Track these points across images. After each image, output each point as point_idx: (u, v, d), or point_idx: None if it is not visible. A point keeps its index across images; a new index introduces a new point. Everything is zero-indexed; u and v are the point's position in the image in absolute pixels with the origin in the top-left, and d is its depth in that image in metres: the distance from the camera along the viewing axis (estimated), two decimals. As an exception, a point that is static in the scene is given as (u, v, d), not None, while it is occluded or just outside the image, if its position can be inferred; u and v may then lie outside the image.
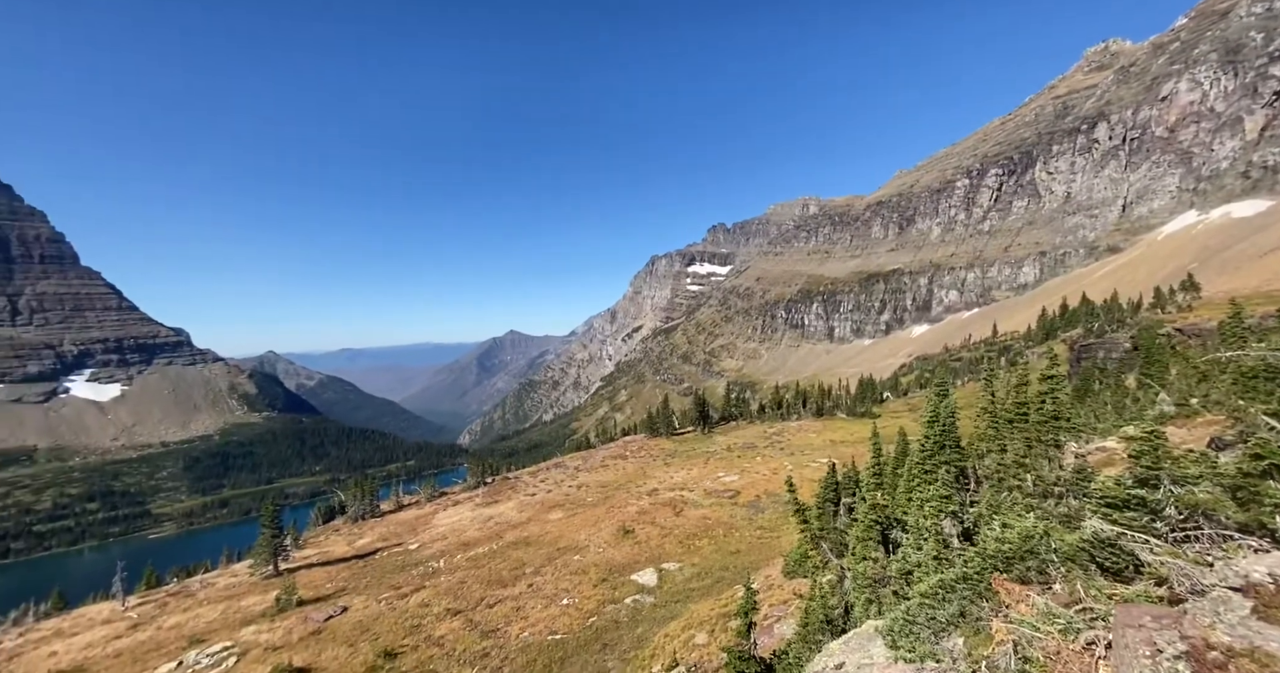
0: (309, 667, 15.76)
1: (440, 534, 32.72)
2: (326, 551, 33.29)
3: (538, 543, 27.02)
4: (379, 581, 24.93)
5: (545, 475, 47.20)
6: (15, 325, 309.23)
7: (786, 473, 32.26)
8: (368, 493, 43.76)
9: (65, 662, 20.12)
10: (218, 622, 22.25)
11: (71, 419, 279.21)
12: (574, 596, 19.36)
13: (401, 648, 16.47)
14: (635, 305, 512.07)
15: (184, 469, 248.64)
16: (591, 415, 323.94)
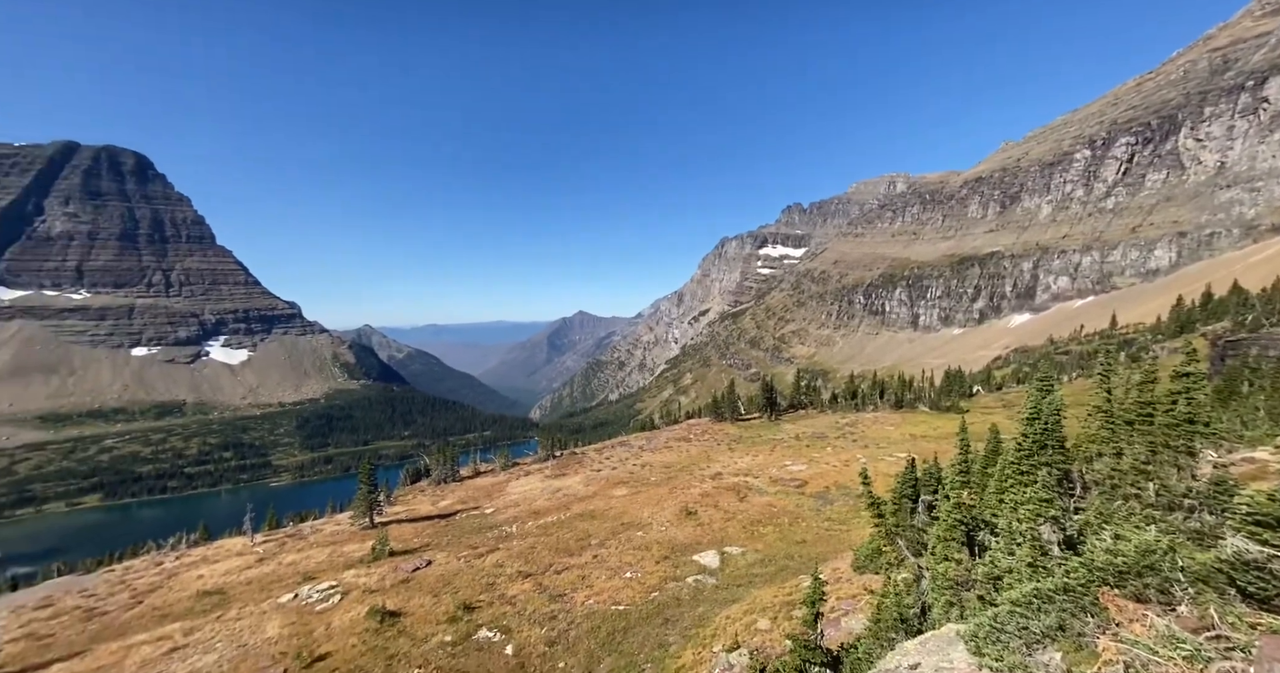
0: (399, 611, 17.45)
1: (513, 502, 34.74)
2: (413, 508, 36.45)
3: (602, 517, 27.94)
4: (458, 540, 26.98)
5: (610, 453, 48.50)
6: (168, 296, 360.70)
7: (860, 466, 30.96)
8: (449, 459, 47.30)
9: (209, 584, 23.73)
10: (325, 563, 25.20)
11: (211, 379, 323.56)
12: (637, 570, 19.90)
13: (478, 603, 17.79)
14: (703, 288, 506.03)
15: (296, 428, 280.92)
16: (656, 397, 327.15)
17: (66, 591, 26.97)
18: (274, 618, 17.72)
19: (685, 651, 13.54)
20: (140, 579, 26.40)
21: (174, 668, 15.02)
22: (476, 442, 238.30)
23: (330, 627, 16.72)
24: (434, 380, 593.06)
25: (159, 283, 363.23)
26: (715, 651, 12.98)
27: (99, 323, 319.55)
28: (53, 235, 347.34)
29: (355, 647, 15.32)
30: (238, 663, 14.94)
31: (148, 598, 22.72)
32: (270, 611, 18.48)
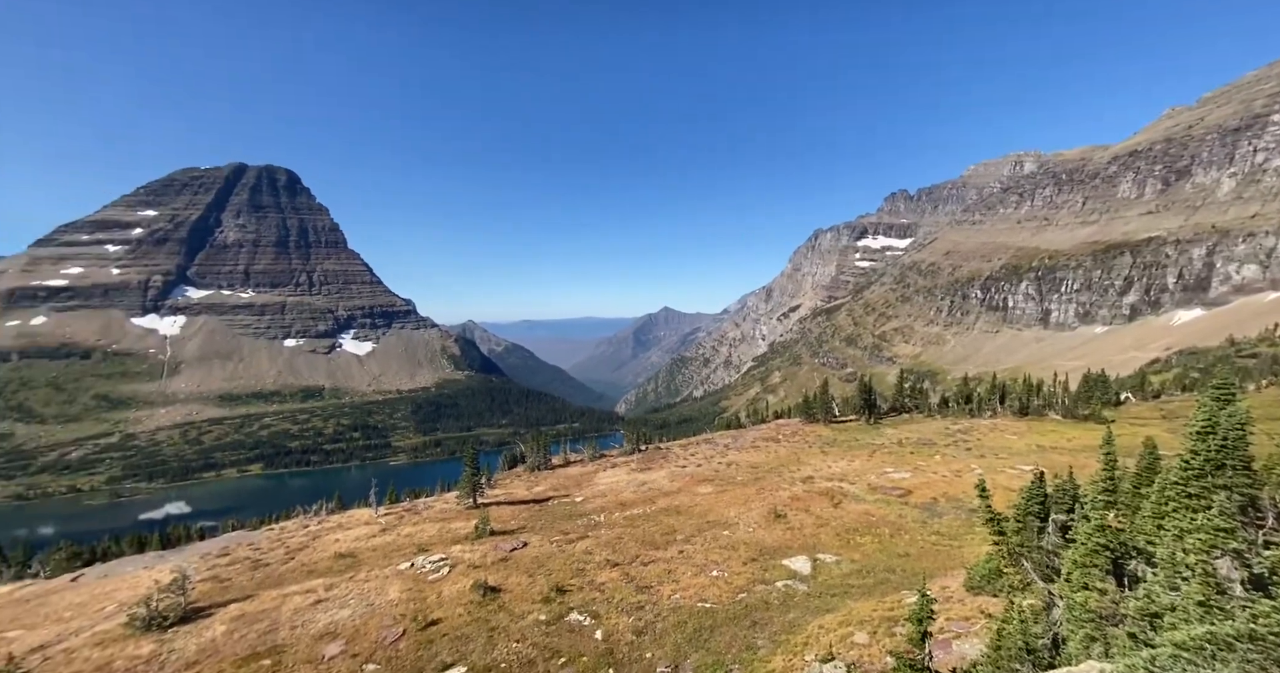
0: (499, 587, 18.74)
1: (600, 492, 35.85)
2: (510, 492, 38.92)
3: (687, 513, 27.94)
4: (550, 525, 28.38)
5: (695, 450, 48.34)
6: (311, 294, 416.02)
7: (975, 477, 28.07)
8: (542, 447, 49.91)
9: (344, 547, 27.13)
10: (435, 537, 27.73)
11: (343, 367, 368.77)
12: (723, 569, 19.66)
13: (569, 586, 18.60)
14: (793, 283, 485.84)
15: (411, 413, 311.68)
16: (742, 395, 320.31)
17: (239, 543, 32.26)
18: (395, 583, 19.84)
19: (775, 656, 13.15)
20: (292, 538, 30.85)
21: (318, 617, 17.37)
22: (566, 432, 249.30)
23: (441, 596, 18.38)
24: (528, 373, 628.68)
25: (304, 283, 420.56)
26: (808, 659, 12.47)
27: (260, 318, 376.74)
28: (228, 243, 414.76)
29: (462, 616, 16.69)
30: (367, 619, 16.93)
31: (298, 555, 26.48)
32: (391, 576, 20.71)
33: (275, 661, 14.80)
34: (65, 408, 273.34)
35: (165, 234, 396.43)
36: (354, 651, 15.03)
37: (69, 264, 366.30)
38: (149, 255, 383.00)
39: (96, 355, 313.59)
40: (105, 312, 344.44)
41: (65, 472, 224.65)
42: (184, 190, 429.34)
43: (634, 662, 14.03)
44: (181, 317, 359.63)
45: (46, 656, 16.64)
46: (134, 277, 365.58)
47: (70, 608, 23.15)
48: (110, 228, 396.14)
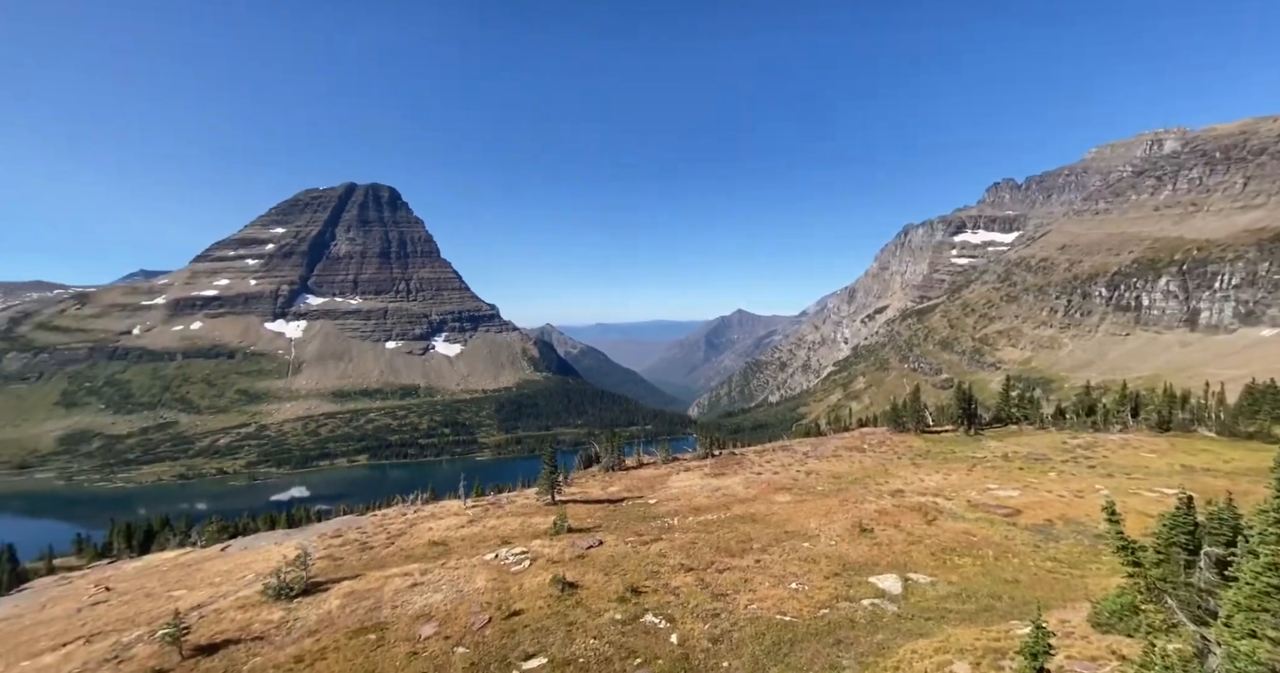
0: (576, 583, 19.23)
1: (673, 495, 35.75)
2: (586, 491, 39.89)
3: (764, 522, 27.09)
4: (624, 525, 28.71)
5: (771, 457, 46.82)
6: (408, 300, 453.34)
7: (1102, 498, 24.82)
8: (616, 448, 50.71)
9: (436, 536, 29.17)
10: (517, 531, 29.04)
11: (435, 368, 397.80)
12: (803, 582, 18.83)
13: (644, 588, 18.68)
14: (879, 283, 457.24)
15: (495, 411, 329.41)
16: (822, 401, 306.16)
17: (349, 527, 35.76)
18: (481, 572, 21.00)
19: (862, 679, 12.36)
20: (392, 525, 33.68)
21: (415, 599, 18.79)
22: (639, 434, 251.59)
23: (522, 588, 19.18)
24: (602, 375, 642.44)
25: (403, 290, 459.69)
26: (899, 687, 11.58)
27: (366, 322, 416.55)
28: (340, 256, 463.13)
29: (542, 609, 17.31)
30: (457, 604, 18.05)
31: (397, 541, 28.85)
32: (478, 565, 21.94)
33: (379, 636, 16.19)
34: (215, 401, 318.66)
35: (291, 248, 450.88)
36: (446, 633, 16.07)
37: (219, 276, 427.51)
38: (278, 268, 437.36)
39: (239, 356, 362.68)
40: (245, 317, 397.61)
41: (215, 456, 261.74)
42: (305, 209, 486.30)
43: (710, 670, 13.79)
44: (303, 321, 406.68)
45: (202, 614, 19.39)
46: (267, 286, 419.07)
47: (219, 574, 26.84)
48: (249, 244, 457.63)
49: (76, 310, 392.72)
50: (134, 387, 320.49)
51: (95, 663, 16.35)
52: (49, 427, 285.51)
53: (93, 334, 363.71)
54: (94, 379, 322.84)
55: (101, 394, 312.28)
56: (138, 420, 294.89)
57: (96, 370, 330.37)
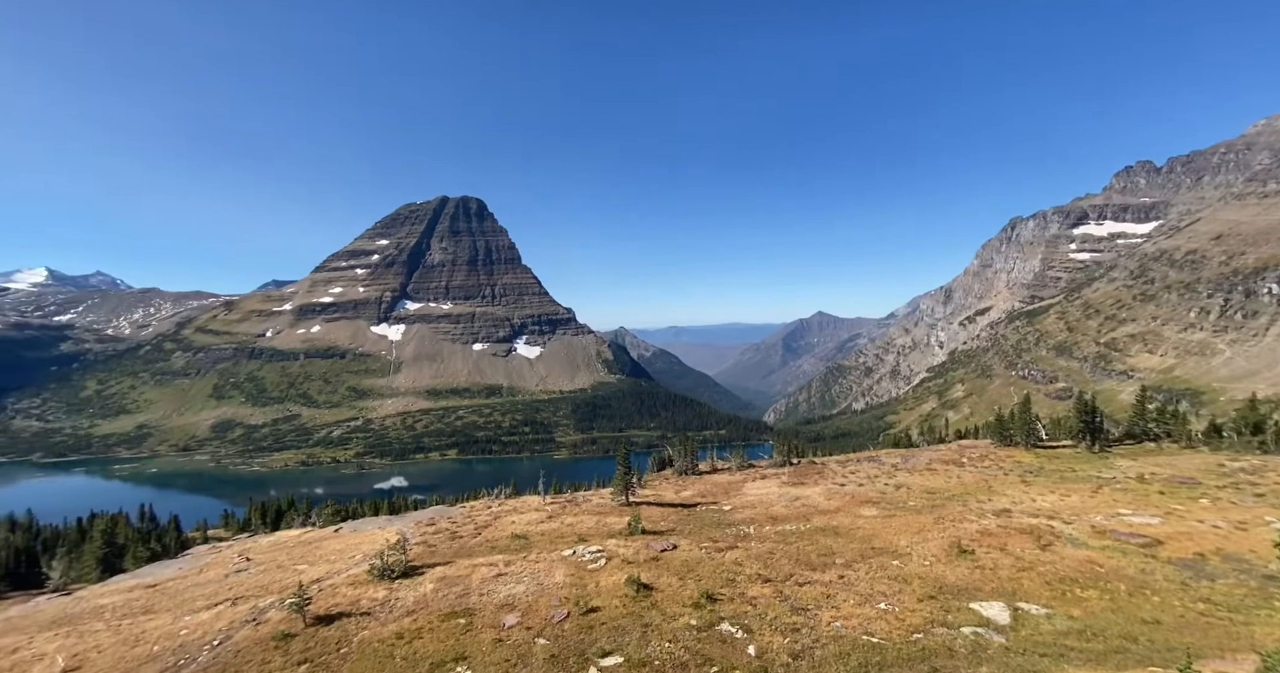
0: (651, 585, 19.29)
1: (749, 503, 34.83)
2: (659, 494, 39.97)
3: (848, 536, 25.64)
4: (699, 531, 28.40)
5: (855, 467, 44.22)
6: (493, 305, 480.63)
7: (1276, 532, 20.98)
8: (689, 452, 50.39)
9: (518, 529, 30.57)
10: (593, 529, 29.70)
11: (517, 369, 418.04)
12: (892, 602, 17.57)
13: (720, 596, 18.34)
14: (981, 282, 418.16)
15: (571, 412, 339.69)
16: (913, 410, 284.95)
17: (441, 516, 38.47)
18: (559, 567, 21.69)
19: (963, 717, 11.26)
20: (479, 516, 35.78)
21: (499, 589, 19.80)
22: (713, 439, 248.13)
23: (599, 585, 19.56)
24: (674, 378, 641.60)
25: (488, 295, 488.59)
26: (1008, 731, 10.42)
27: (456, 326, 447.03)
28: (434, 264, 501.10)
29: (618, 608, 17.54)
30: (537, 597, 18.78)
31: (483, 532, 30.59)
32: (557, 560, 22.69)
33: (468, 621, 17.22)
34: (330, 396, 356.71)
35: (392, 258, 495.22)
36: (528, 624, 16.77)
37: (334, 285, 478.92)
38: (382, 276, 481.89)
39: (349, 356, 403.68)
40: (355, 322, 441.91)
41: (330, 446, 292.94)
42: (405, 222, 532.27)
43: (790, 688, 13.24)
44: (402, 325, 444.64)
45: (321, 588, 21.71)
46: (373, 293, 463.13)
47: (334, 553, 29.95)
48: (358, 256, 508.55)
49: (224, 316, 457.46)
50: (267, 383, 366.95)
51: (239, 623, 18.84)
52: (204, 416, 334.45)
53: (236, 336, 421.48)
54: (237, 376, 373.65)
55: (243, 389, 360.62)
56: (270, 412, 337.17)
57: (239, 368, 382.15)
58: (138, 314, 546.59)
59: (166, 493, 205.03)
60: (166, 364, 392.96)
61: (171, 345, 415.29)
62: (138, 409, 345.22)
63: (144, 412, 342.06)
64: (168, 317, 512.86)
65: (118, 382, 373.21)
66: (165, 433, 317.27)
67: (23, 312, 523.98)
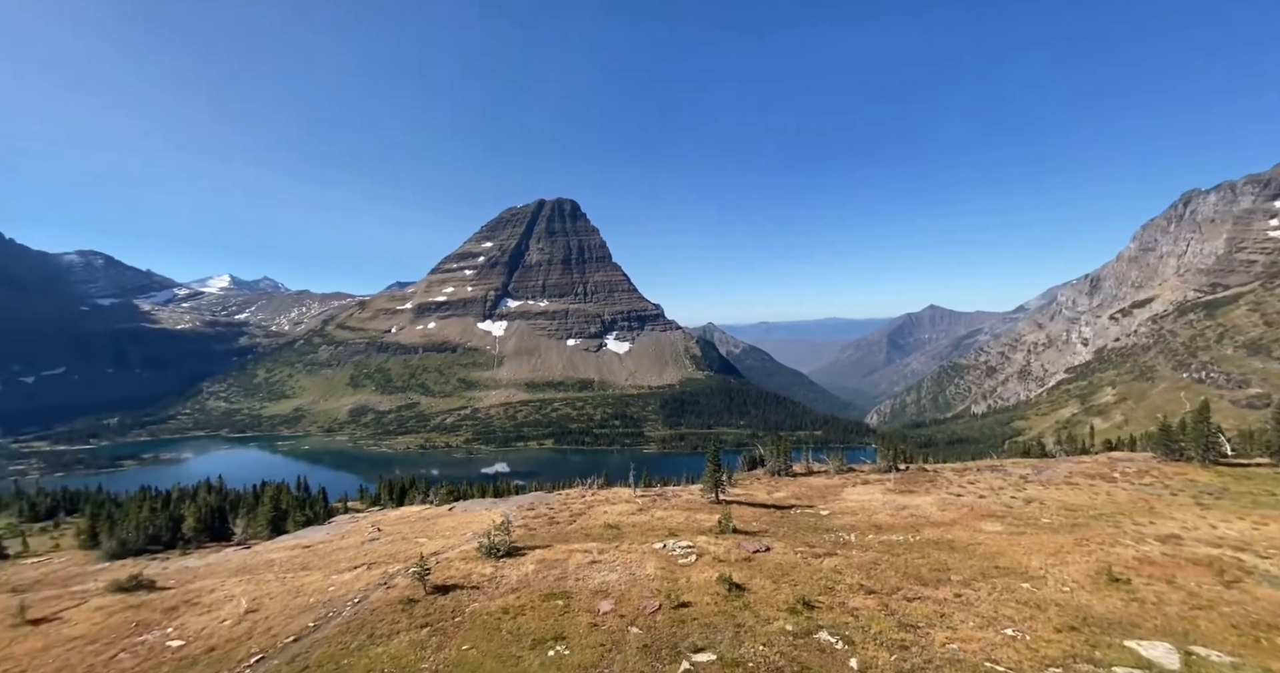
0: (744, 585, 18.88)
1: (849, 509, 32.81)
2: (751, 494, 39.01)
3: (965, 552, 23.20)
4: (793, 534, 27.28)
5: (975, 477, 39.87)
6: (585, 302, 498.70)
7: None
8: (782, 452, 48.57)
9: (610, 519, 31.48)
10: (683, 524, 29.73)
11: (607, 364, 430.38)
12: (1022, 629, 15.61)
13: (818, 603, 17.47)
14: (1140, 268, 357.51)
15: (659, 407, 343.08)
16: (1048, 416, 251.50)
17: (539, 501, 40.74)
18: (651, 559, 21.97)
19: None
20: (574, 504, 37.37)
21: (594, 575, 20.51)
22: (808, 439, 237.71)
23: (690, 580, 19.53)
24: (765, 376, 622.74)
25: (580, 293, 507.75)
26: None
27: (551, 322, 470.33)
28: (531, 264, 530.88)
29: (709, 605, 17.38)
30: (630, 587, 19.18)
31: (578, 519, 31.90)
32: (648, 553, 23.00)
33: (565, 603, 18.04)
34: (443, 387, 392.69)
35: (495, 260, 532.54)
36: (621, 612, 17.18)
37: (446, 285, 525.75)
38: (486, 277, 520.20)
39: (459, 350, 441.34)
40: (464, 319, 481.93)
41: (443, 432, 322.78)
42: (506, 225, 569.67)
43: (899, 710, 12.25)
44: (504, 322, 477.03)
45: (437, 560, 23.98)
46: (478, 293, 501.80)
47: (448, 530, 32.93)
48: (466, 258, 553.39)
49: (358, 315, 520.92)
50: (392, 374, 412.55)
51: (373, 585, 21.39)
52: (343, 402, 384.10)
53: (368, 332, 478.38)
54: (369, 367, 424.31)
55: (373, 378, 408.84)
56: (395, 400, 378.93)
57: (370, 360, 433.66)
58: (294, 313, 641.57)
59: (315, 468, 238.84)
60: (315, 356, 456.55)
61: (318, 340, 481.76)
62: (294, 394, 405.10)
63: (298, 397, 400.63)
64: (315, 315, 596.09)
65: (279, 371, 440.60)
66: (314, 416, 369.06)
67: (213, 312, 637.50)
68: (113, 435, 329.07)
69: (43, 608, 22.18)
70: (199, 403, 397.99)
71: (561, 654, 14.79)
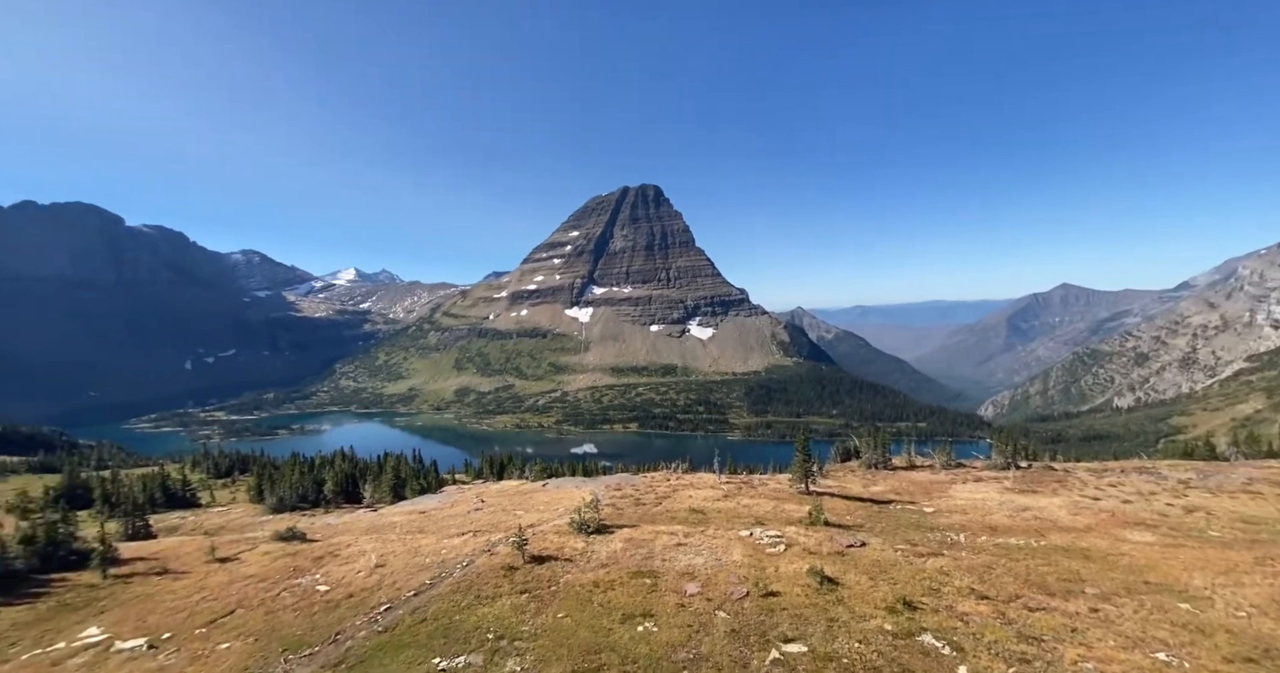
0: (836, 579, 18.10)
1: (958, 507, 30.12)
2: (844, 486, 37.14)
3: (1104, 562, 20.39)
4: (892, 531, 25.60)
5: (1118, 479, 34.79)
6: (668, 288, 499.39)
7: None
8: (880, 444, 45.58)
9: (695, 504, 31.59)
10: (770, 514, 29.06)
11: (690, 350, 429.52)
12: (1179, 655, 13.47)
13: (921, 605, 16.31)
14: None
15: (744, 394, 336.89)
16: (1221, 411, 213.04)
17: (625, 483, 41.88)
18: (737, 546, 21.77)
19: None
20: (659, 487, 37.96)
21: (680, 557, 20.75)
22: (909, 431, 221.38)
23: (778, 570, 19.09)
24: (861, 363, 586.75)
25: (664, 279, 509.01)
26: None
27: (635, 308, 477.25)
28: (616, 251, 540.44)
29: (799, 597, 16.88)
30: (716, 571, 19.17)
31: (663, 502, 32.37)
32: (734, 539, 22.80)
33: (653, 582, 18.46)
34: (535, 370, 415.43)
35: (581, 248, 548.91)
36: (708, 595, 17.24)
37: (536, 274, 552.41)
38: (573, 265, 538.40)
39: (549, 336, 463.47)
40: (553, 305, 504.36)
41: (535, 412, 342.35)
42: (592, 214, 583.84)
43: (1019, 729, 11.13)
44: (590, 308, 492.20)
45: (533, 532, 25.59)
46: (566, 280, 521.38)
47: (542, 504, 34.98)
48: (554, 247, 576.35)
49: (460, 303, 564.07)
50: (490, 358, 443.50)
51: (478, 551, 23.35)
52: (449, 383, 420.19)
53: (469, 319, 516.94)
54: (470, 351, 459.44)
55: (474, 362, 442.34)
56: (493, 382, 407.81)
57: (471, 345, 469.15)
58: (407, 301, 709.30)
59: (427, 442, 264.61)
60: (425, 341, 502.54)
61: (427, 326, 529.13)
62: (408, 375, 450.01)
63: (412, 378, 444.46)
64: (425, 303, 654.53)
65: (396, 354, 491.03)
66: (425, 395, 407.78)
67: (343, 302, 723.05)
68: (270, 408, 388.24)
69: (226, 549, 26.85)
70: (333, 382, 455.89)
71: (650, 631, 15.17)
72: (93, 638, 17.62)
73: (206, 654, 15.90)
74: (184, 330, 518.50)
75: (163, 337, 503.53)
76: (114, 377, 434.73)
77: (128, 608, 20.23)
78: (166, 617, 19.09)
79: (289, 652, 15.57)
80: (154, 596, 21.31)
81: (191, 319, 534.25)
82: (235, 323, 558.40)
